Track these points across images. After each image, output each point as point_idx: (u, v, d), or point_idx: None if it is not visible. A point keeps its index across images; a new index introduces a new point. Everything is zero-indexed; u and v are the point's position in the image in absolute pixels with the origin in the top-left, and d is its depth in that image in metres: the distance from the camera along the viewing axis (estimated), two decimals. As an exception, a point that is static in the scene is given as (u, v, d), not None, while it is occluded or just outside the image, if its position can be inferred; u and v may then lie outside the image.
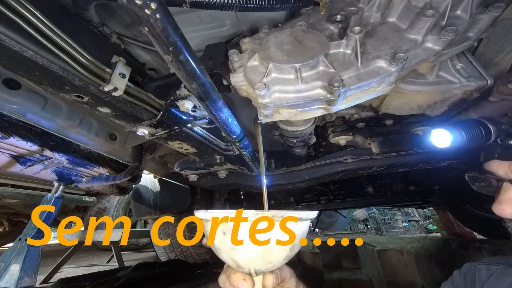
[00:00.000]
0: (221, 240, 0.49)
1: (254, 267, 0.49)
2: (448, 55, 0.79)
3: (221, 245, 0.49)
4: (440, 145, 0.95)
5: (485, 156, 0.81)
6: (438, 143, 0.96)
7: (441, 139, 0.94)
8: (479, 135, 0.82)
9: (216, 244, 0.50)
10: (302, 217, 0.49)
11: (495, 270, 0.80)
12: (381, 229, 8.87)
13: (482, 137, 0.81)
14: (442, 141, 0.94)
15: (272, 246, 0.47)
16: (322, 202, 2.65)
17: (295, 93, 0.65)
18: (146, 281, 1.62)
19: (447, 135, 0.91)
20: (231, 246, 0.48)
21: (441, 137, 0.95)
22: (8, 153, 1.11)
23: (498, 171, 0.75)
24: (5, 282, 1.37)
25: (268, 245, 0.47)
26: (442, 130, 0.94)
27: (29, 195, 2.73)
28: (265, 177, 0.83)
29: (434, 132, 0.98)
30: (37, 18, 0.50)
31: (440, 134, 0.95)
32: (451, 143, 0.90)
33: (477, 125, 0.84)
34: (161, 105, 0.81)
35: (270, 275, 0.53)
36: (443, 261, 2.42)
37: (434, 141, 0.98)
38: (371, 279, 3.39)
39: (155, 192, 2.00)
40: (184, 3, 0.58)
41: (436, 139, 0.97)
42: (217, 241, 0.50)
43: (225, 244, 0.48)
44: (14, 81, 0.91)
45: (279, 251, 0.49)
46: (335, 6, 0.80)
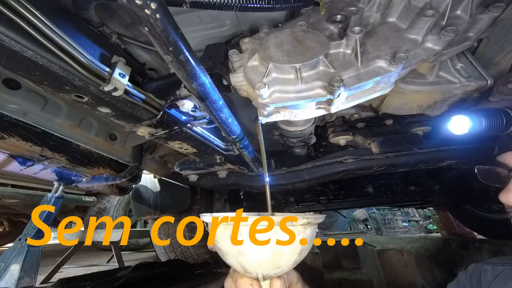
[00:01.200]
0: (229, 245, 0.47)
1: (262, 272, 0.48)
2: (448, 55, 0.79)
3: (229, 249, 0.48)
4: (457, 131, 0.93)
5: (499, 148, 0.81)
6: (456, 130, 0.94)
7: (459, 126, 0.92)
8: (499, 123, 0.81)
9: (223, 249, 0.49)
10: (311, 221, 0.48)
11: (501, 271, 0.80)
12: (381, 229, 8.87)
13: (502, 125, 0.80)
14: (460, 128, 0.92)
15: (282, 250, 0.46)
16: (322, 202, 2.65)
17: (295, 93, 0.65)
18: (146, 281, 1.62)
19: (467, 121, 0.89)
20: (239, 251, 0.46)
21: (460, 124, 0.92)
22: (8, 153, 1.11)
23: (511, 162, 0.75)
24: (5, 282, 1.37)
25: (277, 249, 0.45)
26: (462, 116, 0.92)
27: (29, 195, 2.73)
28: (268, 177, 0.82)
29: (454, 119, 0.95)
30: (37, 18, 0.50)
31: (459, 120, 0.93)
32: (469, 130, 0.88)
33: (499, 113, 0.83)
34: (161, 105, 0.81)
35: (277, 280, 0.51)
36: (443, 261, 2.42)
37: (452, 128, 0.96)
38: (371, 279, 3.39)
39: (155, 192, 2.00)
40: (184, 3, 0.58)
41: (454, 126, 0.95)
42: (224, 245, 0.48)
43: (233, 248, 0.47)
44: (14, 81, 0.91)
45: (289, 256, 0.48)
46: (335, 6, 0.80)
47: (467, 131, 0.89)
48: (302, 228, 0.47)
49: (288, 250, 0.47)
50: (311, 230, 0.50)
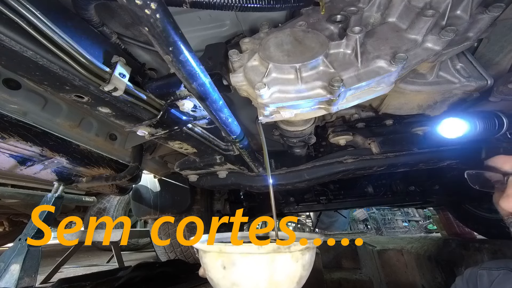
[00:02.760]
0: (222, 275, 0.43)
1: None
2: (448, 55, 0.79)
3: (221, 280, 0.44)
4: (450, 135, 0.92)
5: (487, 153, 0.81)
6: (448, 134, 0.93)
7: (453, 129, 0.91)
8: (492, 126, 0.81)
9: (215, 279, 0.45)
10: (309, 246, 0.44)
11: (496, 275, 0.81)
12: (381, 229, 8.87)
13: (495, 128, 0.80)
14: (454, 131, 0.90)
15: (279, 280, 0.42)
16: (322, 202, 2.66)
17: (295, 93, 0.65)
18: (146, 281, 1.62)
19: (463, 124, 0.88)
20: (233, 282, 0.43)
21: (454, 127, 0.91)
22: (8, 153, 1.11)
23: (504, 166, 0.75)
24: (5, 282, 1.37)
25: (274, 279, 0.42)
26: (456, 119, 0.91)
27: (29, 195, 2.73)
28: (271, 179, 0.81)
29: (446, 122, 0.93)
30: (37, 18, 0.50)
31: (453, 123, 0.91)
32: (464, 133, 0.87)
33: (493, 117, 0.83)
34: (161, 105, 0.81)
35: None
36: (443, 261, 2.41)
37: (443, 132, 0.94)
38: (371, 279, 3.38)
39: (155, 192, 2.00)
40: (184, 3, 0.58)
41: (446, 129, 0.93)
42: (215, 276, 0.44)
43: (226, 279, 0.43)
44: (14, 81, 0.91)
45: (286, 286, 0.44)
46: (335, 6, 0.80)
47: (461, 134, 0.88)
48: (301, 254, 0.44)
49: (286, 279, 0.43)
50: (310, 255, 0.47)
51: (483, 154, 0.83)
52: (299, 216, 9.06)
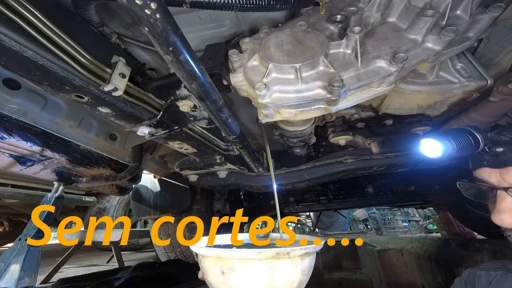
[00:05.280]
0: (220, 280, 0.43)
1: None
2: (448, 55, 0.79)
3: (220, 285, 0.44)
4: (431, 155, 0.93)
5: (473, 164, 0.81)
6: (429, 153, 0.94)
7: (432, 149, 0.92)
8: (468, 144, 0.81)
9: (214, 284, 0.44)
10: (309, 251, 0.44)
11: (494, 276, 0.81)
12: (381, 229, 8.86)
13: (472, 145, 0.80)
14: (433, 151, 0.91)
15: (279, 285, 0.42)
16: (322, 202, 2.66)
17: (295, 93, 0.65)
18: (146, 281, 1.62)
19: (438, 145, 0.88)
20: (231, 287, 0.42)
21: (431, 147, 0.92)
22: (8, 153, 1.11)
23: (490, 179, 0.75)
24: (5, 282, 1.37)
25: (273, 284, 0.41)
26: (431, 140, 0.92)
27: (29, 195, 2.73)
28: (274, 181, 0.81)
29: (424, 142, 0.95)
30: (37, 18, 0.50)
31: (430, 144, 0.93)
32: (442, 153, 0.88)
33: (465, 134, 0.82)
34: (161, 105, 0.81)
35: None
36: (443, 261, 2.42)
37: (425, 151, 0.95)
38: (371, 279, 3.38)
39: (155, 192, 2.00)
40: (184, 3, 0.58)
41: (426, 149, 0.94)
42: (214, 280, 0.44)
43: (225, 284, 0.42)
44: (14, 81, 0.91)
45: None
46: (335, 6, 0.80)
47: (441, 155, 0.88)
48: (300, 259, 0.44)
49: (285, 285, 0.43)
50: (309, 260, 0.46)
51: (470, 165, 0.83)
52: (299, 216, 9.06)
